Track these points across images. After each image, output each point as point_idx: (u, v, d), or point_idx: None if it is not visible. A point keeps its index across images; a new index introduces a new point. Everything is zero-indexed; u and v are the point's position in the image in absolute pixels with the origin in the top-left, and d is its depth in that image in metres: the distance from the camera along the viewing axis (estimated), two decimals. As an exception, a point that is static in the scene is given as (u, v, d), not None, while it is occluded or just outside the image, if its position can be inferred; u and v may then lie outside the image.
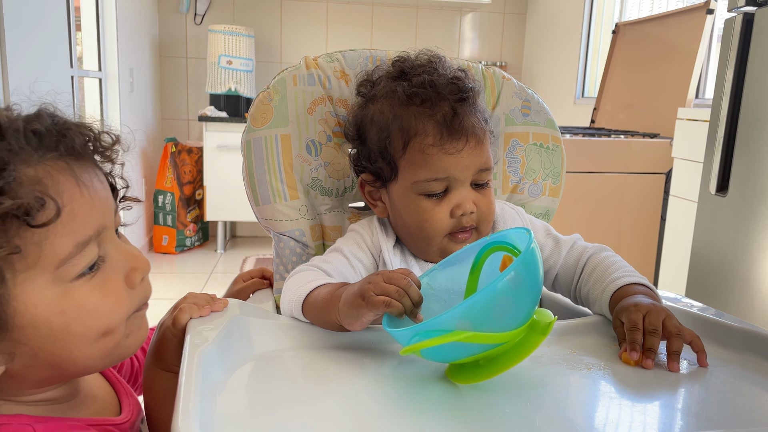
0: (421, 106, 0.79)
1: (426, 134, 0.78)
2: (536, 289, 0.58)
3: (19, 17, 1.66)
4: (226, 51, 3.40)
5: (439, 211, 0.79)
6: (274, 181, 0.92)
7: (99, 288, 0.52)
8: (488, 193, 0.82)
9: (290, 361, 0.66)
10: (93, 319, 0.51)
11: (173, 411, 0.47)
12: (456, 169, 0.78)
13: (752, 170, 1.41)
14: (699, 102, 2.40)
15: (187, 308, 0.67)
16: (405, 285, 0.61)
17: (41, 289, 0.48)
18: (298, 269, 0.80)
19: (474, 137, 0.78)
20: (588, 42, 3.16)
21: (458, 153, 0.77)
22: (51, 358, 0.51)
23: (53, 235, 0.48)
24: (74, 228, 0.49)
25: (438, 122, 0.78)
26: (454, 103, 0.78)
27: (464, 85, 0.80)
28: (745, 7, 1.41)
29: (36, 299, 0.48)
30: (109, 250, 0.53)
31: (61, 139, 0.50)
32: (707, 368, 0.65)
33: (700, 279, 1.60)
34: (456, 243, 0.81)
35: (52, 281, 0.49)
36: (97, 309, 0.51)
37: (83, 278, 0.51)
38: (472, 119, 0.79)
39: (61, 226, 0.48)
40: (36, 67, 1.71)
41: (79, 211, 0.50)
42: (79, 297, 0.50)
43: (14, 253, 0.46)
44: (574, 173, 2.12)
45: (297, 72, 0.94)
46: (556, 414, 0.55)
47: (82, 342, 0.51)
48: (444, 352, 0.58)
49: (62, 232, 0.48)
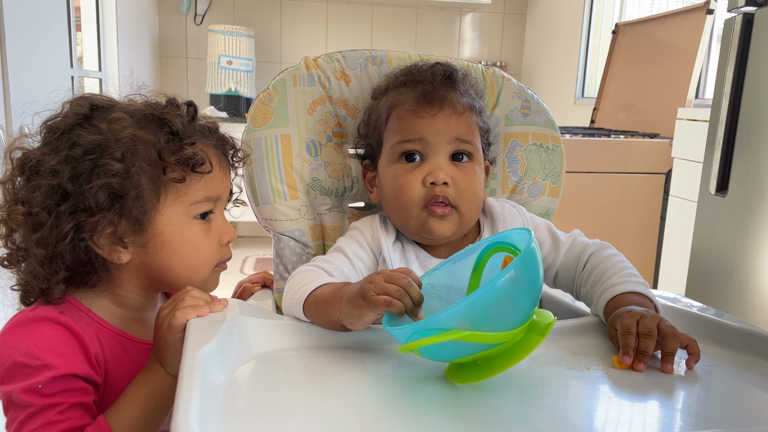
0: (408, 86, 0.84)
1: (405, 103, 0.83)
2: (536, 289, 0.58)
3: (19, 17, 1.66)
4: (226, 51, 3.40)
5: (411, 177, 0.81)
6: (274, 181, 0.92)
7: (204, 232, 0.75)
8: (469, 171, 0.82)
9: (290, 361, 0.66)
10: (195, 249, 0.74)
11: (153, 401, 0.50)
12: (428, 132, 0.81)
13: (752, 170, 1.41)
14: (699, 102, 2.40)
15: (183, 312, 0.67)
16: (406, 284, 0.61)
17: (176, 214, 0.72)
18: (300, 269, 0.80)
19: (450, 107, 0.81)
20: (588, 42, 3.16)
21: (431, 117, 0.81)
22: (159, 264, 0.73)
23: (195, 184, 0.72)
24: (208, 187, 0.74)
25: (417, 94, 0.83)
26: (435, 80, 0.83)
27: (449, 68, 0.86)
28: (745, 7, 1.41)
29: (171, 218, 0.72)
30: (217, 214, 0.77)
31: (220, 139, 0.78)
32: (708, 369, 0.65)
33: (700, 279, 1.60)
34: (434, 218, 0.80)
35: (183, 212, 0.73)
36: (200, 244, 0.75)
37: (198, 220, 0.74)
38: (452, 94, 0.83)
39: (204, 181, 0.73)
40: (36, 67, 1.71)
41: (214, 178, 0.75)
42: (192, 230, 0.74)
43: (180, 181, 0.70)
44: (574, 173, 2.12)
45: (297, 72, 0.94)
46: (556, 414, 0.55)
47: (182, 261, 0.74)
48: (443, 351, 0.58)
49: (201, 186, 0.73)
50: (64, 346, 0.66)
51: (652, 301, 0.73)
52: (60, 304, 0.70)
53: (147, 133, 0.71)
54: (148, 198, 0.69)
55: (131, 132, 0.69)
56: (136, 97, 0.77)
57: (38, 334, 0.66)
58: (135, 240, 0.70)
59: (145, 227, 0.70)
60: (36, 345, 0.65)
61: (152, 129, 0.71)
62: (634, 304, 0.71)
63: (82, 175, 0.67)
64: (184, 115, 0.74)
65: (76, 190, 0.67)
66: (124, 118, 0.71)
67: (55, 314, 0.68)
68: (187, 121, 0.74)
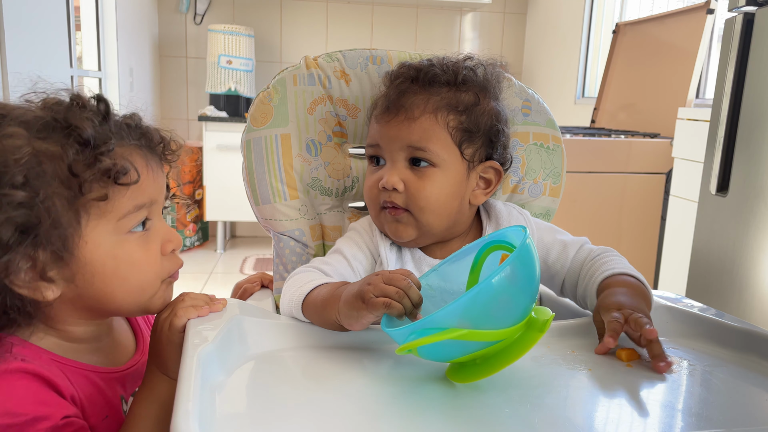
0: (387, 85, 0.85)
1: (377, 106, 0.84)
2: (533, 285, 0.58)
3: (19, 17, 1.66)
4: (226, 51, 3.40)
5: (371, 179, 0.84)
6: (274, 181, 0.91)
7: (142, 246, 0.65)
8: (425, 176, 0.80)
9: (290, 361, 0.66)
10: (135, 269, 0.64)
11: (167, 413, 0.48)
12: (382, 138, 0.82)
13: (752, 170, 1.40)
14: (699, 102, 2.40)
15: (184, 311, 0.67)
16: (405, 286, 0.61)
17: (104, 234, 0.61)
18: (298, 270, 0.80)
19: (405, 113, 0.80)
20: (588, 42, 3.15)
21: (386, 124, 0.81)
22: (96, 294, 0.63)
23: (121, 195, 0.62)
24: (136, 194, 0.63)
25: (385, 98, 0.83)
26: (403, 83, 0.82)
27: (425, 67, 0.82)
28: (746, 7, 1.41)
29: (98, 241, 0.61)
30: (154, 221, 0.67)
31: (143, 135, 0.66)
32: (708, 369, 0.65)
33: (700, 279, 1.60)
34: (388, 220, 0.82)
35: (112, 230, 0.62)
36: (140, 262, 0.65)
37: (133, 234, 0.64)
38: (413, 98, 0.80)
39: (131, 190, 0.62)
40: (36, 67, 1.71)
41: (143, 183, 0.64)
42: (128, 248, 0.64)
43: (102, 200, 0.60)
44: (574, 173, 2.12)
45: (297, 72, 0.94)
46: (556, 414, 0.55)
47: (122, 286, 0.64)
48: (441, 351, 0.58)
49: (128, 195, 0.62)
50: (42, 394, 0.59)
51: (643, 282, 0.76)
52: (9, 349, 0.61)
53: (51, 144, 0.59)
54: (66, 223, 0.59)
55: (30, 148, 0.57)
56: (31, 96, 0.63)
57: (8, 389, 0.57)
58: (60, 273, 0.60)
59: (68, 257, 0.60)
60: (12, 402, 0.57)
61: (57, 138, 0.59)
62: (625, 285, 0.73)
63: None
64: (94, 116, 0.62)
65: None
66: (18, 133, 0.58)
67: (17, 363, 0.59)
68: (99, 122, 0.62)
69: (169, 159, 0.70)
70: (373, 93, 0.95)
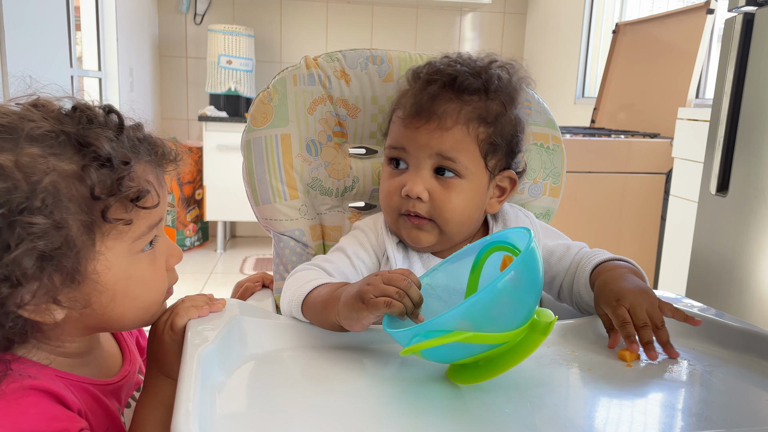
0: (414, 84, 0.81)
1: (401, 108, 0.81)
2: (537, 288, 0.58)
3: (19, 17, 1.66)
4: (225, 51, 3.40)
5: (391, 183, 0.81)
6: (274, 181, 0.91)
7: (152, 263, 0.64)
8: (451, 187, 0.79)
9: (290, 361, 0.66)
10: (145, 288, 0.63)
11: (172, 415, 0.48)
12: (410, 144, 0.79)
13: (752, 170, 1.40)
14: (699, 102, 2.40)
15: (184, 311, 0.67)
16: (405, 285, 0.61)
17: (118, 256, 0.59)
18: (299, 268, 0.80)
19: (437, 121, 0.77)
20: (588, 42, 3.15)
21: (415, 129, 0.78)
22: (105, 313, 0.61)
23: (140, 218, 0.60)
24: (150, 214, 0.61)
25: (413, 100, 0.80)
26: (435, 87, 0.78)
27: (456, 72, 0.79)
28: (745, 7, 1.41)
29: (112, 262, 0.59)
30: (159, 236, 0.65)
31: (152, 149, 0.63)
32: (708, 369, 0.65)
33: (700, 279, 1.60)
34: (407, 226, 0.81)
35: (126, 251, 0.60)
36: (151, 281, 0.64)
37: (143, 253, 0.62)
38: (445, 106, 0.78)
39: (146, 210, 0.60)
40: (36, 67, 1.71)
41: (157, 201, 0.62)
42: (140, 268, 0.62)
43: (127, 224, 0.58)
44: (574, 173, 2.12)
45: (297, 72, 0.94)
46: (557, 414, 0.55)
47: (132, 305, 0.62)
48: (444, 352, 0.58)
49: (143, 216, 0.60)
50: (54, 410, 0.56)
51: (632, 264, 0.77)
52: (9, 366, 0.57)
53: (66, 162, 0.55)
54: (81, 246, 0.55)
55: (49, 170, 0.53)
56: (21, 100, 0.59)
57: (20, 408, 0.54)
58: (69, 295, 0.57)
59: (80, 280, 0.57)
60: (26, 421, 0.54)
61: (70, 155, 0.55)
62: (619, 269, 0.75)
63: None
64: (107, 131, 0.58)
65: None
66: (35, 153, 0.53)
67: (25, 381, 0.56)
68: (115, 137, 0.58)
69: (168, 171, 0.67)
70: (373, 93, 0.95)
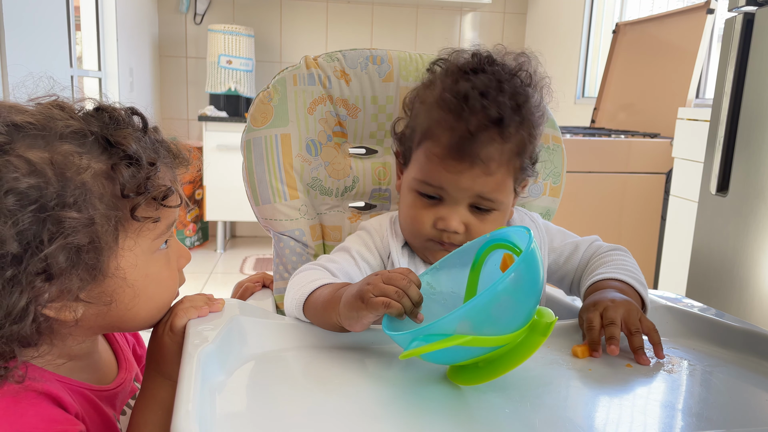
0: (448, 114, 0.75)
1: (436, 142, 0.76)
2: (537, 289, 0.58)
3: (19, 17, 1.66)
4: (225, 51, 3.40)
5: (425, 214, 0.79)
6: (274, 181, 0.91)
7: (166, 263, 0.65)
8: (488, 220, 0.78)
9: (290, 361, 0.66)
10: (161, 288, 0.64)
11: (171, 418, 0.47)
12: (450, 186, 0.76)
13: (752, 170, 1.40)
14: (699, 102, 2.40)
15: (183, 312, 0.66)
16: (404, 285, 0.61)
17: (139, 254, 0.60)
18: (304, 267, 0.80)
19: (480, 166, 0.74)
20: (588, 42, 3.15)
21: (457, 174, 0.75)
22: (124, 311, 0.61)
23: (164, 216, 0.61)
24: (169, 212, 0.62)
25: (451, 137, 0.74)
26: (478, 125, 0.73)
27: (502, 112, 0.74)
28: (746, 7, 1.41)
29: (134, 260, 0.60)
30: (170, 237, 0.66)
31: (169, 151, 0.64)
32: (708, 369, 0.65)
33: (700, 279, 1.60)
34: (436, 250, 0.80)
35: (147, 250, 0.61)
36: (166, 280, 0.65)
37: (159, 252, 0.63)
38: (489, 149, 0.74)
39: (168, 210, 0.61)
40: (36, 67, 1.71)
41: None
42: (157, 266, 0.63)
43: (155, 221, 0.60)
44: (574, 173, 2.12)
45: (297, 71, 0.94)
46: (557, 414, 0.55)
47: (148, 304, 0.63)
48: (445, 355, 0.58)
49: (166, 214, 0.62)
50: (53, 413, 0.56)
51: (634, 288, 0.75)
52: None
53: (95, 161, 0.56)
54: (105, 244, 0.56)
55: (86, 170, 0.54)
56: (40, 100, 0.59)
57: (20, 410, 0.54)
58: (90, 293, 0.57)
59: (101, 278, 0.57)
60: (26, 423, 0.53)
61: (98, 154, 0.57)
62: (609, 289, 0.73)
63: (26, 232, 0.51)
64: (136, 132, 0.60)
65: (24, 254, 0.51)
66: (70, 150, 0.54)
67: (26, 383, 0.56)
68: (141, 137, 0.60)
69: (181, 174, 0.68)
70: (373, 93, 0.95)
